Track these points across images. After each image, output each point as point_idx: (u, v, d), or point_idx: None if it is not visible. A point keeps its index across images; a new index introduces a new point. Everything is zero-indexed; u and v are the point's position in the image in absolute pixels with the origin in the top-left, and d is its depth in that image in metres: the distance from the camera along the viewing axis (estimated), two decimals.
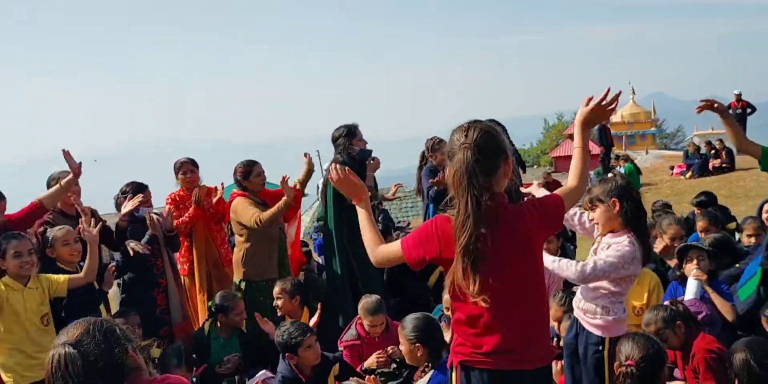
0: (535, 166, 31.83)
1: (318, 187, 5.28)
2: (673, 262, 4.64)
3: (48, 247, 4.08)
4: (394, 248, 2.38)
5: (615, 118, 27.77)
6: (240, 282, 5.17)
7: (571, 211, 3.36)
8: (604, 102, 2.57)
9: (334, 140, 5.15)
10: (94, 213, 4.74)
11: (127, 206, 4.81)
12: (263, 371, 4.18)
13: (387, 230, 6.83)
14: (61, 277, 3.88)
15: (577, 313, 3.20)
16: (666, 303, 3.85)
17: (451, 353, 2.40)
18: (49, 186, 4.47)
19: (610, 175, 4.40)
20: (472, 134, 2.21)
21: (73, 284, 3.87)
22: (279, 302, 4.67)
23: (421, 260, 2.30)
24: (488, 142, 2.21)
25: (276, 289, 4.69)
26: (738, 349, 2.72)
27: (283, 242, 5.38)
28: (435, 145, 6.13)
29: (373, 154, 5.30)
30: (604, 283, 3.05)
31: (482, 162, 2.18)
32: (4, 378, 3.67)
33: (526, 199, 2.63)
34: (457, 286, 2.18)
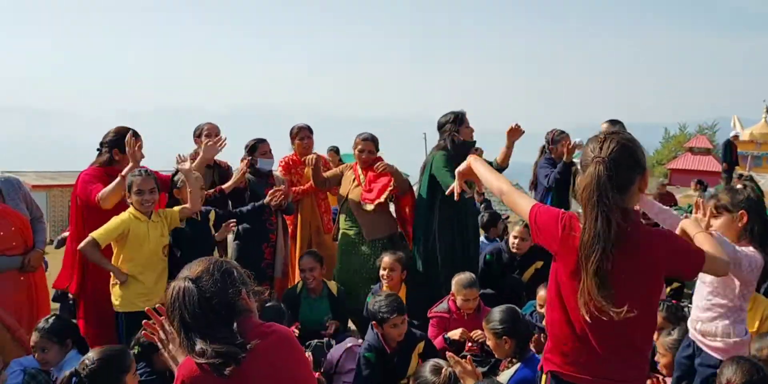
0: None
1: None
2: None
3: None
4: (523, 203, 2.35)
5: (744, 136, 26.07)
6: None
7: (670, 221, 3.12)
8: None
9: (440, 126, 5.14)
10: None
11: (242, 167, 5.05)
12: (350, 338, 4.29)
13: (494, 217, 6.82)
14: (175, 208, 4.20)
15: (693, 334, 3.07)
16: None
17: (543, 357, 2.39)
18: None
19: (740, 186, 4.11)
20: (608, 146, 2.12)
21: (183, 214, 4.17)
22: (388, 273, 4.72)
23: (536, 228, 2.28)
24: (624, 157, 2.12)
25: (388, 260, 4.74)
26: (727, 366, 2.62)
27: None
28: (555, 137, 6.03)
29: (477, 146, 5.28)
30: (720, 299, 2.93)
31: (615, 178, 2.09)
32: (114, 300, 3.98)
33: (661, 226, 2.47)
34: (594, 302, 2.09)
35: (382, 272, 4.76)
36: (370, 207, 5.11)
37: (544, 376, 2.34)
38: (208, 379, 1.87)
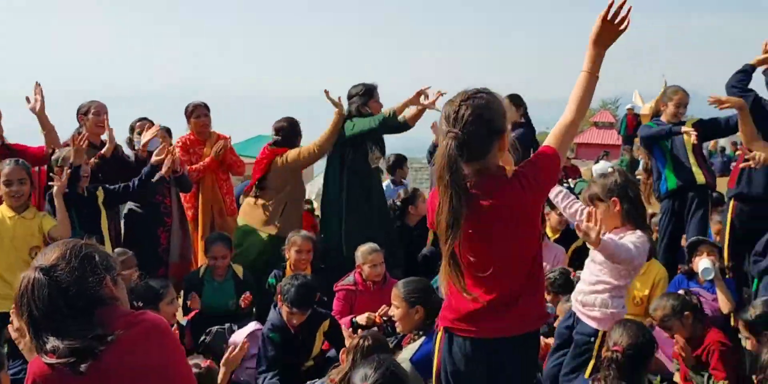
0: None
1: None
2: None
3: None
4: None
5: (645, 110, 27.32)
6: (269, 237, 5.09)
7: (573, 208, 3.26)
8: (610, 16, 2.17)
9: (349, 97, 5.05)
10: (117, 147, 4.79)
11: (146, 136, 4.77)
12: (253, 322, 4.15)
13: (400, 159, 7.48)
14: (51, 223, 3.87)
15: (575, 306, 3.16)
16: (680, 292, 3.79)
17: (440, 314, 2.37)
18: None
19: (610, 169, 4.26)
20: (462, 115, 2.06)
21: (52, 234, 3.80)
22: (300, 255, 4.58)
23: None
24: (480, 125, 2.07)
25: (299, 240, 4.59)
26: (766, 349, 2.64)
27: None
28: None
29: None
30: (607, 277, 3.00)
31: (469, 152, 2.07)
32: None
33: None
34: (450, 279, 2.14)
35: (292, 254, 4.59)
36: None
37: (439, 333, 2.32)
38: (63, 376, 1.69)
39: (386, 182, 7.58)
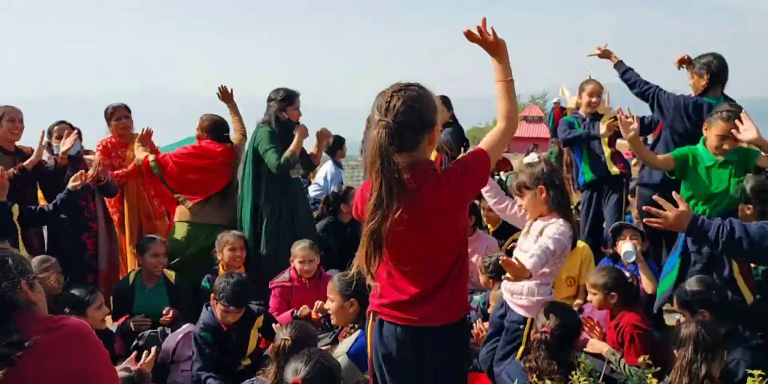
0: None
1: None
2: None
3: None
4: None
5: (571, 103, 28.19)
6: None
7: (503, 204, 3.38)
8: (475, 38, 2.27)
9: (268, 100, 4.99)
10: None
11: (66, 144, 4.60)
12: (187, 325, 4.06)
13: (340, 140, 7.58)
14: None
15: (504, 294, 3.24)
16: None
17: (370, 300, 2.39)
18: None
19: (536, 158, 4.47)
20: (394, 106, 2.09)
21: None
22: (233, 253, 4.54)
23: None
24: (410, 118, 2.10)
25: (231, 238, 4.55)
26: (688, 322, 2.76)
27: None
28: None
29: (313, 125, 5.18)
30: None
31: (399, 142, 2.09)
32: None
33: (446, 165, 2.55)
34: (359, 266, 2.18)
35: (226, 253, 4.54)
36: None
37: (370, 318, 2.35)
38: None
39: (328, 163, 7.59)
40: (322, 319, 4.03)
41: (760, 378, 1.91)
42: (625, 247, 4.09)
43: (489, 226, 5.43)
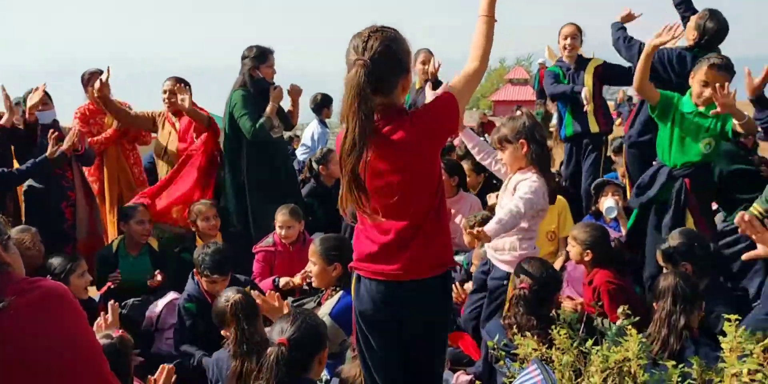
0: (474, 109, 32.04)
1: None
2: None
3: None
4: None
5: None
6: None
7: (488, 160, 3.37)
8: None
9: (243, 58, 4.86)
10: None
11: (33, 98, 4.51)
12: (171, 292, 4.05)
13: (327, 99, 7.47)
14: None
15: (488, 251, 3.24)
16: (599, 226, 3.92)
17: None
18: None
19: (518, 112, 4.42)
20: (371, 46, 2.05)
21: None
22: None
23: None
24: (387, 59, 2.06)
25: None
26: (667, 274, 2.77)
27: None
28: None
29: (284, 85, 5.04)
30: None
31: (377, 82, 2.04)
32: None
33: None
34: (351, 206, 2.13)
35: (200, 223, 4.52)
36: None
37: (354, 276, 2.32)
38: None
39: (314, 122, 7.52)
40: (307, 285, 4.03)
41: (737, 321, 1.92)
42: (607, 203, 4.10)
43: (471, 190, 5.43)
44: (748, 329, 2.03)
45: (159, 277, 4.23)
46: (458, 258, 4.38)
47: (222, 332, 3.04)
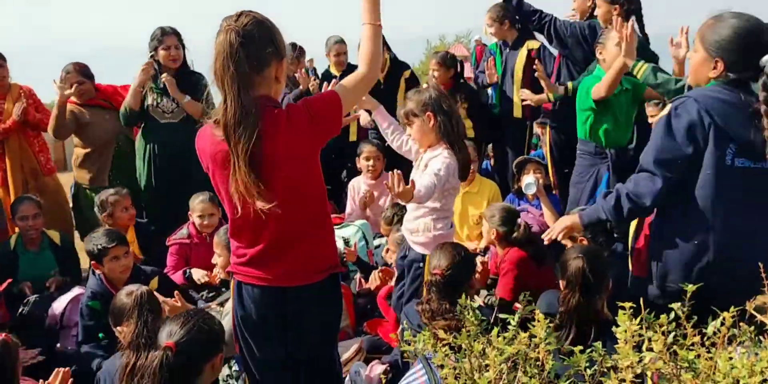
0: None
1: None
2: None
3: None
4: None
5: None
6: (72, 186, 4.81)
7: (400, 141, 3.20)
8: None
9: (150, 40, 4.58)
10: None
11: None
12: (76, 287, 3.82)
13: None
14: None
15: (405, 234, 3.13)
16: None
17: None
18: None
19: (424, 86, 4.29)
20: (242, 21, 1.89)
21: None
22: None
23: None
24: (260, 30, 1.90)
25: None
26: (573, 256, 2.67)
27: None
28: None
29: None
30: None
31: (250, 51, 1.87)
32: None
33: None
34: (241, 194, 1.90)
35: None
36: None
37: (233, 281, 2.15)
38: None
39: None
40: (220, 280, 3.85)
41: (631, 309, 1.86)
42: (527, 179, 4.07)
43: None
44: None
45: (53, 285, 3.97)
46: (379, 241, 4.30)
47: (117, 329, 2.79)
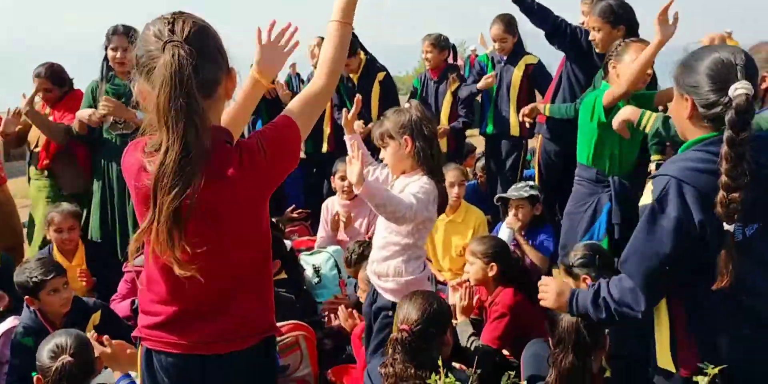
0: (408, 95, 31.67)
1: None
2: None
3: None
4: None
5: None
6: None
7: (371, 177, 2.85)
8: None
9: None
10: None
11: None
12: (11, 318, 3.43)
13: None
14: None
15: (371, 278, 2.76)
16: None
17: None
18: None
19: (406, 105, 3.89)
20: (182, 28, 1.50)
21: None
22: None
23: None
24: (207, 40, 1.53)
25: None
26: (564, 315, 2.35)
27: None
28: None
29: None
30: (393, 236, 2.62)
31: (204, 72, 1.49)
32: None
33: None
34: (155, 248, 1.53)
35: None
36: None
37: (141, 347, 1.76)
38: None
39: None
40: None
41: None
42: (502, 232, 3.85)
43: None
44: None
45: (3, 304, 3.60)
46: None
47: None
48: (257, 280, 1.71)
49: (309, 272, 3.90)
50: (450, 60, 5.56)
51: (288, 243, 3.47)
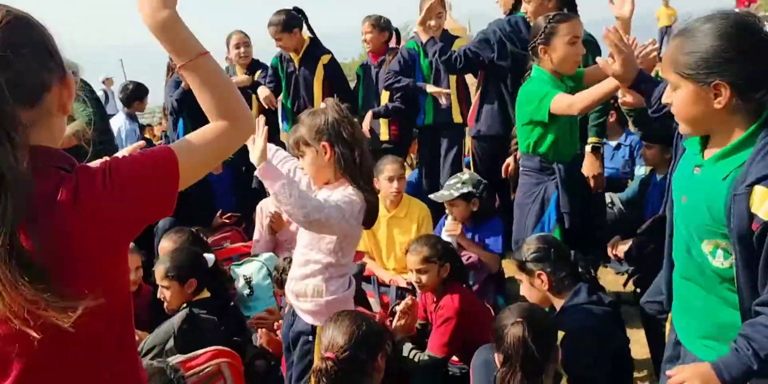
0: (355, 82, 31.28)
1: None
2: None
3: None
4: None
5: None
6: None
7: (286, 167, 2.51)
8: None
9: None
10: None
11: None
12: None
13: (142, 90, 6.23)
14: None
15: (290, 297, 2.45)
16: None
17: None
18: None
19: (323, 104, 3.44)
20: None
21: None
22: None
23: None
24: (29, 35, 1.15)
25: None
26: (511, 321, 2.08)
27: None
28: None
29: None
30: (314, 254, 2.32)
31: (18, 73, 1.11)
32: None
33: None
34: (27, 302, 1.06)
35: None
36: None
37: None
38: None
39: (119, 116, 6.74)
40: None
41: None
42: (444, 237, 3.59)
43: None
44: None
45: None
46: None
47: None
48: (117, 361, 1.26)
49: (240, 284, 3.58)
50: (393, 44, 5.12)
51: (211, 257, 3.12)
